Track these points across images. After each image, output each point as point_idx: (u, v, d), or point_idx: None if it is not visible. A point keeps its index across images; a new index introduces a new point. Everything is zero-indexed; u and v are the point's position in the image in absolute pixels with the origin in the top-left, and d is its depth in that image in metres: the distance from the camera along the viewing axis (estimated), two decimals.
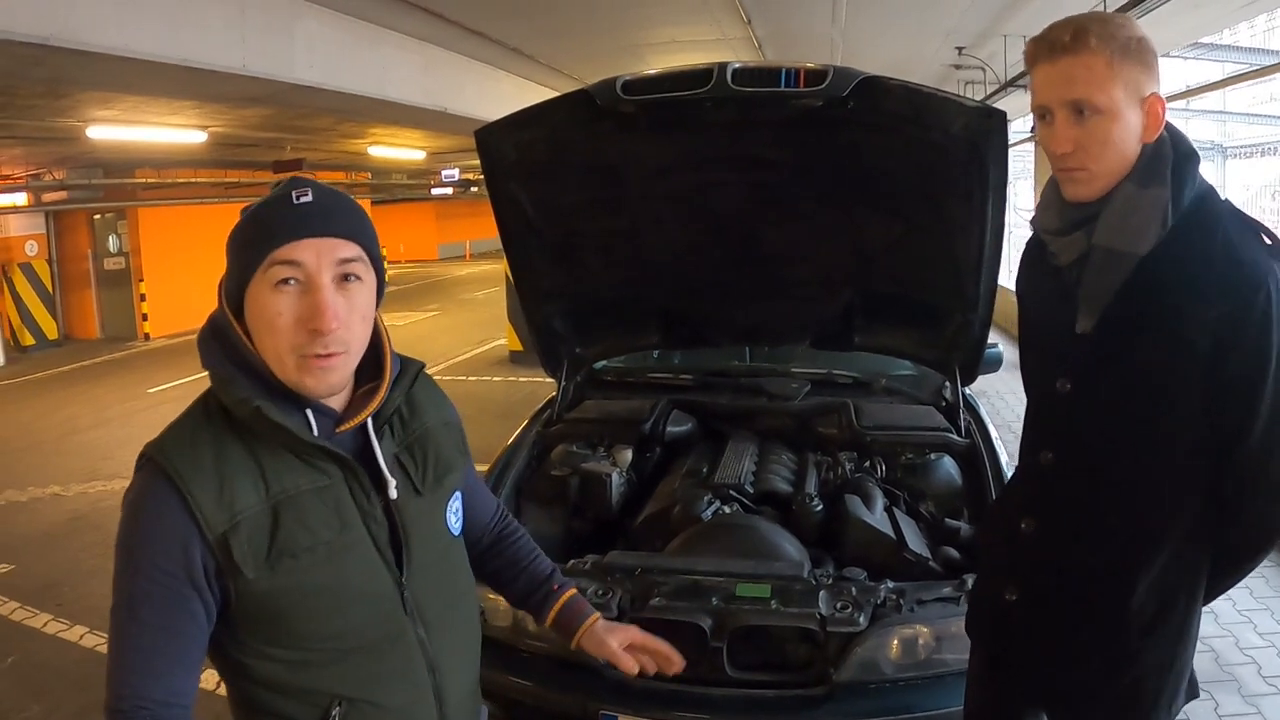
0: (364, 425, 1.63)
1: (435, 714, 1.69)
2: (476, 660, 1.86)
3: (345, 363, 1.55)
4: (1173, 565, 1.98)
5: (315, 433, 1.56)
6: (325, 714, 1.56)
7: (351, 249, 1.54)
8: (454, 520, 1.79)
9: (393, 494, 1.62)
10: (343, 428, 1.60)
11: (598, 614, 2.02)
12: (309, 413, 1.56)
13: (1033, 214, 2.12)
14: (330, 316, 1.48)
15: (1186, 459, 1.93)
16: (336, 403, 1.61)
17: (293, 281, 1.49)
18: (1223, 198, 1.94)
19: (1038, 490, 2.13)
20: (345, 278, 1.53)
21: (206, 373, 1.56)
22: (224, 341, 1.56)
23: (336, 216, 1.54)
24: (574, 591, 2.04)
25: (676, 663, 2.05)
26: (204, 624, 1.49)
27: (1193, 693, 2.11)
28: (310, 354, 1.50)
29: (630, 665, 1.96)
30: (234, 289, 1.55)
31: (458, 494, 1.81)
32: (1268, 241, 1.86)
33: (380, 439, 1.65)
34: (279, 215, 1.52)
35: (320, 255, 1.50)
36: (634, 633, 2.01)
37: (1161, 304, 1.86)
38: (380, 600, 1.61)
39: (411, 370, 1.72)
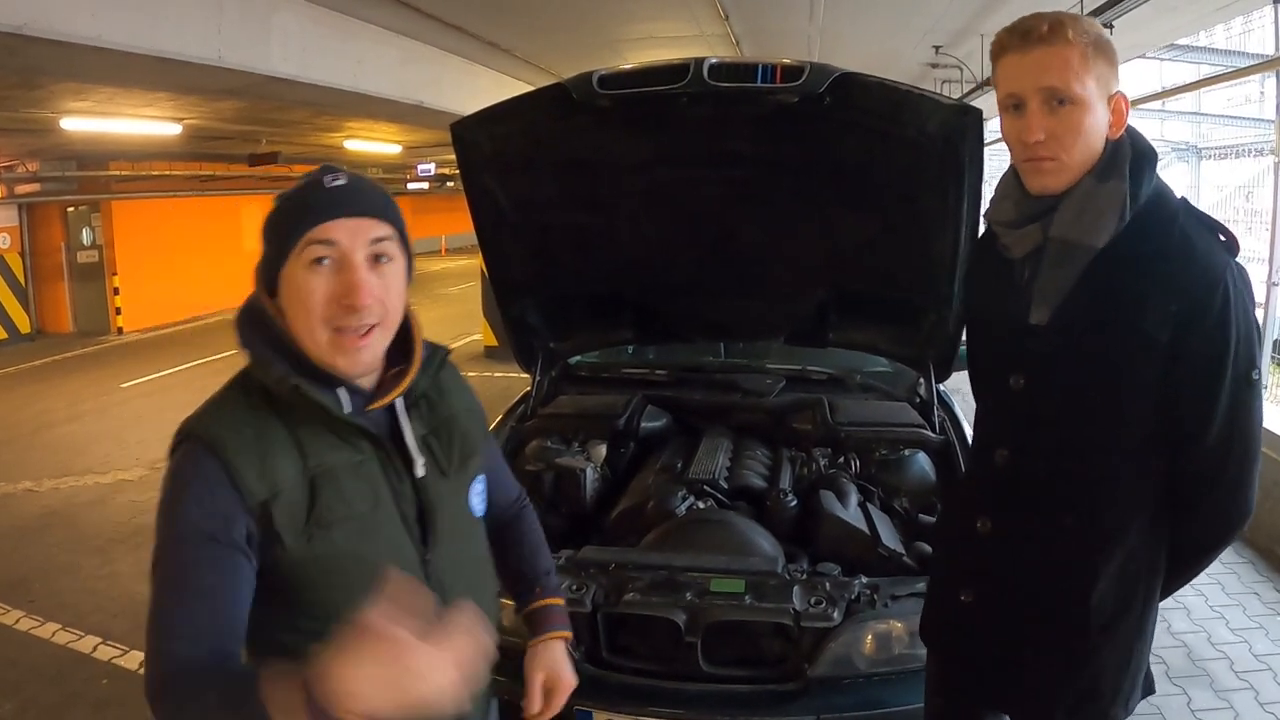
0: (393, 406, 1.70)
1: None
2: (493, 639, 1.89)
3: (378, 340, 1.62)
4: (1131, 562, 1.99)
5: (348, 410, 1.62)
6: None
7: (384, 228, 1.61)
8: (477, 502, 1.86)
9: (419, 472, 1.69)
10: (373, 406, 1.66)
11: (562, 635, 2.03)
12: (341, 391, 1.63)
13: (986, 206, 2.12)
14: (365, 292, 1.55)
15: (1143, 454, 1.95)
16: (367, 383, 1.68)
17: (327, 261, 1.56)
18: (1179, 195, 1.96)
19: (993, 489, 2.12)
20: (378, 257, 1.60)
21: (243, 352, 1.62)
22: (261, 323, 1.62)
23: (368, 198, 1.61)
24: (558, 601, 2.06)
25: None
26: (249, 594, 1.54)
27: (1149, 689, 2.13)
28: (344, 329, 1.56)
29: (531, 704, 1.95)
30: (269, 272, 1.61)
31: (481, 477, 1.88)
32: (1223, 238, 1.88)
33: (409, 420, 1.71)
34: (313, 197, 1.59)
35: (354, 234, 1.57)
36: (561, 680, 2.00)
37: (1119, 297, 1.87)
38: (405, 573, 1.60)
39: (439, 355, 1.79)
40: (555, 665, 1.99)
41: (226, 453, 1.51)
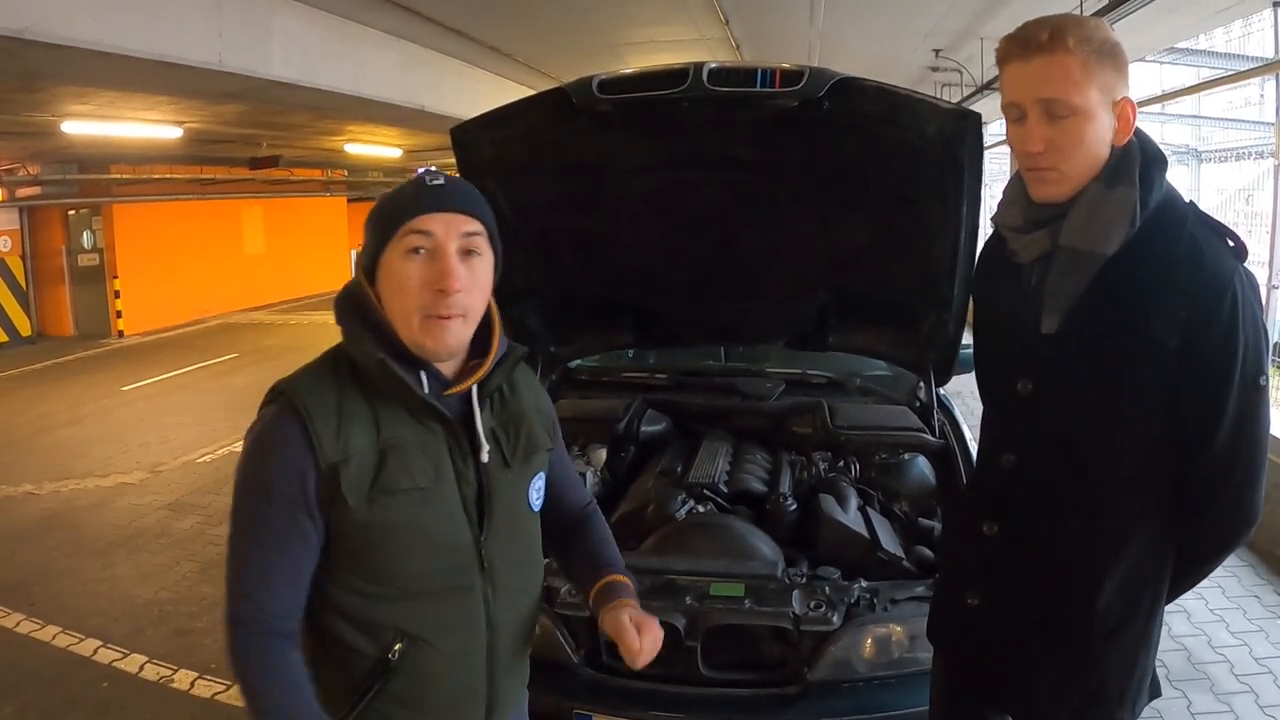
0: (469, 395, 1.82)
1: (484, 669, 1.86)
2: (532, 630, 2.00)
3: (463, 326, 1.75)
4: (1137, 567, 1.98)
5: (426, 391, 1.75)
6: (388, 647, 1.75)
7: (475, 225, 1.76)
8: (535, 497, 1.96)
9: (484, 458, 1.81)
10: (450, 391, 1.79)
11: (632, 602, 1.99)
12: (423, 374, 1.76)
13: (994, 211, 2.12)
14: (455, 278, 1.69)
15: (1150, 460, 1.94)
16: (448, 369, 1.81)
17: (422, 251, 1.71)
18: (1187, 200, 1.96)
19: (1000, 493, 2.12)
20: (469, 252, 1.74)
21: (340, 329, 1.79)
22: (358, 304, 1.78)
23: (464, 197, 1.78)
24: (625, 579, 2.08)
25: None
26: (315, 547, 1.71)
27: (1155, 692, 2.12)
28: (434, 314, 1.70)
29: (631, 648, 1.87)
30: (369, 260, 1.77)
31: (542, 474, 1.98)
32: (1231, 244, 1.87)
33: (481, 410, 1.83)
34: (414, 193, 1.75)
35: (448, 227, 1.72)
36: (645, 618, 1.93)
37: (1129, 304, 1.86)
38: (458, 551, 1.79)
39: (516, 353, 1.91)
40: (639, 614, 1.93)
41: (309, 415, 1.67)
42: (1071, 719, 2.06)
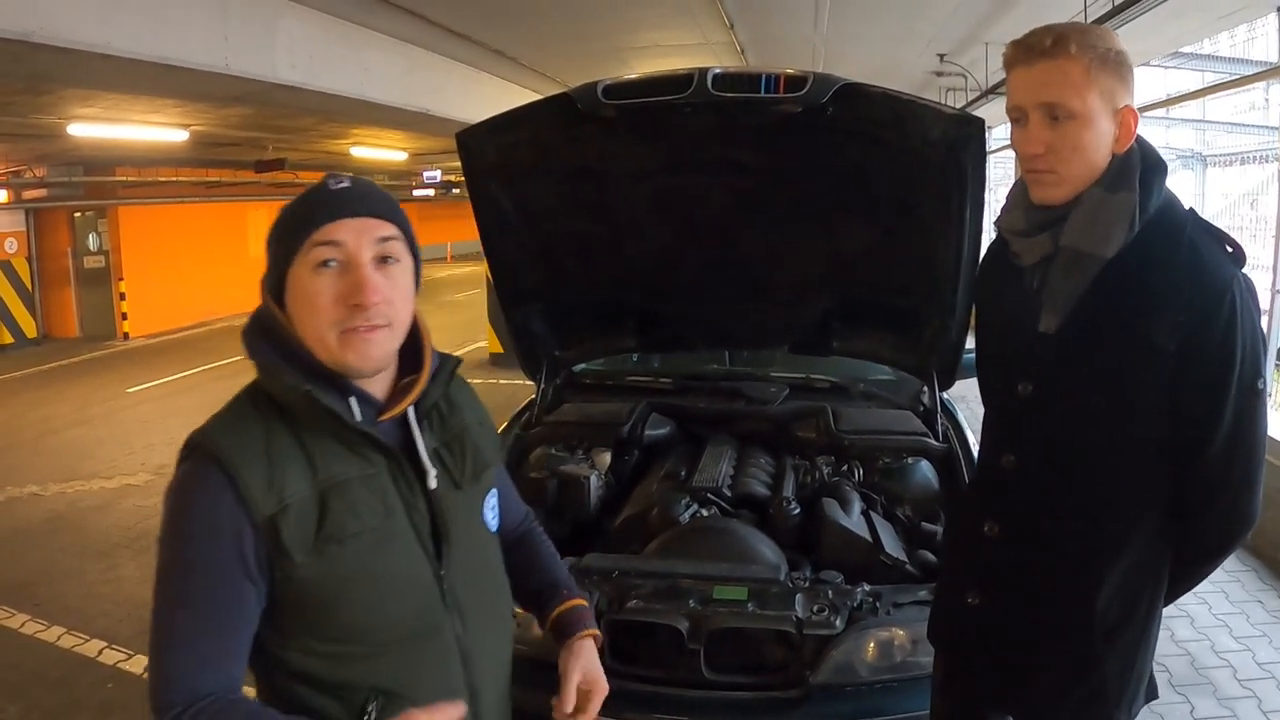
0: (405, 418, 1.67)
1: (469, 708, 1.66)
2: (509, 656, 1.88)
3: (388, 337, 1.59)
4: (1136, 568, 2.00)
5: (359, 419, 1.58)
6: (361, 709, 1.56)
7: (389, 228, 1.59)
8: (491, 517, 1.82)
9: (432, 484, 1.65)
10: (385, 416, 1.63)
11: (594, 634, 1.94)
12: (353, 401, 1.59)
13: (997, 214, 2.14)
14: (371, 290, 1.53)
15: (1149, 461, 1.96)
16: (379, 392, 1.65)
17: (333, 263, 1.54)
18: (1187, 207, 1.97)
19: (1000, 494, 2.14)
20: (384, 259, 1.58)
21: (252, 363, 1.60)
22: (269, 332, 1.60)
23: (372, 199, 1.60)
24: (583, 603, 2.00)
25: None
26: (255, 615, 1.51)
27: (1152, 694, 2.14)
28: (352, 328, 1.53)
29: (565, 703, 1.82)
30: (275, 279, 1.59)
31: (494, 491, 1.85)
32: (1230, 249, 1.89)
33: (421, 432, 1.68)
34: (317, 200, 1.58)
35: (359, 234, 1.55)
36: (598, 683, 1.87)
37: (1129, 307, 1.89)
38: (420, 591, 1.63)
39: (450, 365, 1.76)
40: (592, 666, 1.89)
41: (233, 466, 1.48)
42: (1071, 718, 2.07)
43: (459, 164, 3.45)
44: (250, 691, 1.55)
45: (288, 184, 20.01)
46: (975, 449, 3.77)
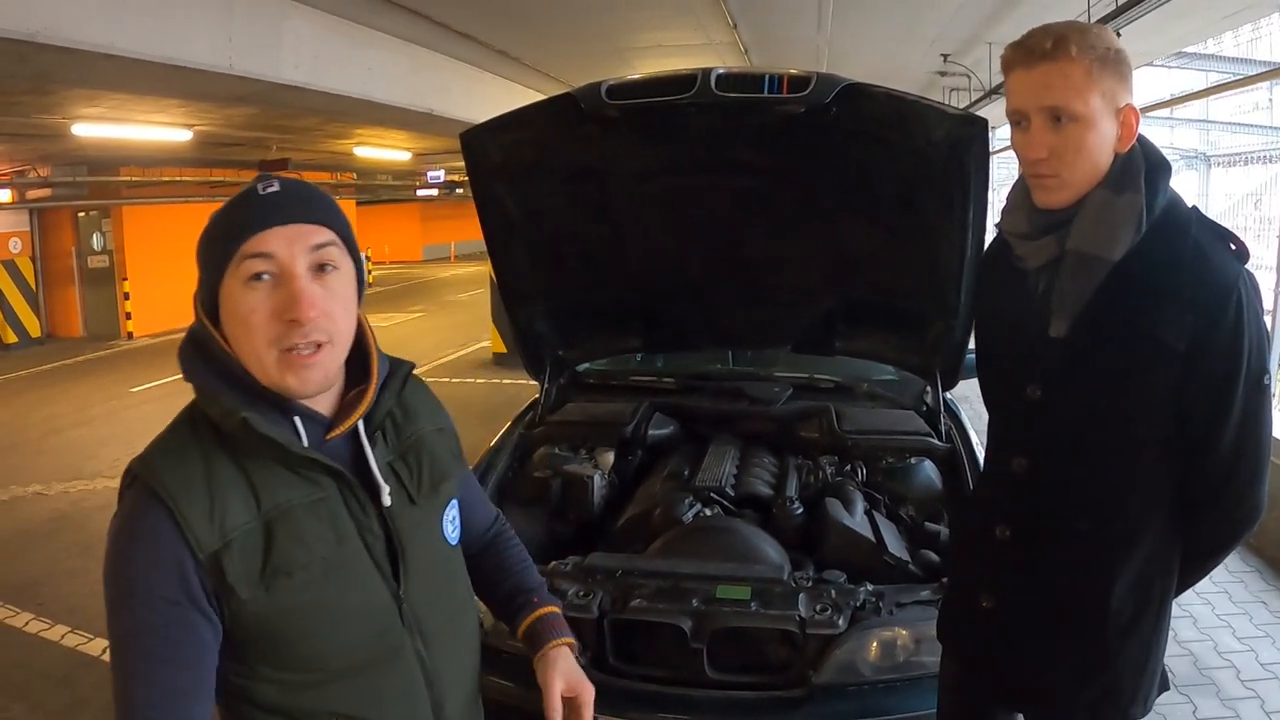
0: (355, 432, 1.56)
1: None
2: (475, 672, 1.80)
3: (329, 356, 1.47)
4: (1148, 565, 2.01)
5: (305, 442, 1.49)
6: None
7: (324, 234, 1.48)
8: (451, 530, 1.72)
9: (386, 501, 1.55)
10: (333, 434, 1.53)
11: (568, 641, 1.87)
12: (297, 421, 1.50)
13: (998, 216, 2.13)
14: (307, 304, 1.41)
15: (1158, 461, 1.96)
16: (325, 408, 1.55)
17: (266, 276, 1.42)
18: (1189, 205, 1.97)
19: (1011, 497, 2.14)
20: (321, 267, 1.46)
21: (190, 385, 1.51)
22: (205, 353, 1.49)
23: (305, 203, 1.48)
24: (554, 609, 1.91)
25: None
26: (214, 648, 1.44)
27: (1164, 685, 2.14)
28: (290, 347, 1.43)
29: (552, 715, 1.75)
30: (208, 295, 1.48)
31: (454, 503, 1.74)
32: (1233, 247, 1.89)
33: (373, 445, 1.58)
34: (245, 208, 1.47)
35: (292, 243, 1.44)
36: (583, 688, 1.81)
37: (1137, 308, 1.88)
38: (378, 614, 1.55)
39: (402, 371, 1.65)
40: (574, 673, 1.81)
41: (173, 499, 1.40)
42: (1087, 716, 2.08)
43: (463, 164, 3.45)
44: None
45: None
46: (979, 449, 3.78)
